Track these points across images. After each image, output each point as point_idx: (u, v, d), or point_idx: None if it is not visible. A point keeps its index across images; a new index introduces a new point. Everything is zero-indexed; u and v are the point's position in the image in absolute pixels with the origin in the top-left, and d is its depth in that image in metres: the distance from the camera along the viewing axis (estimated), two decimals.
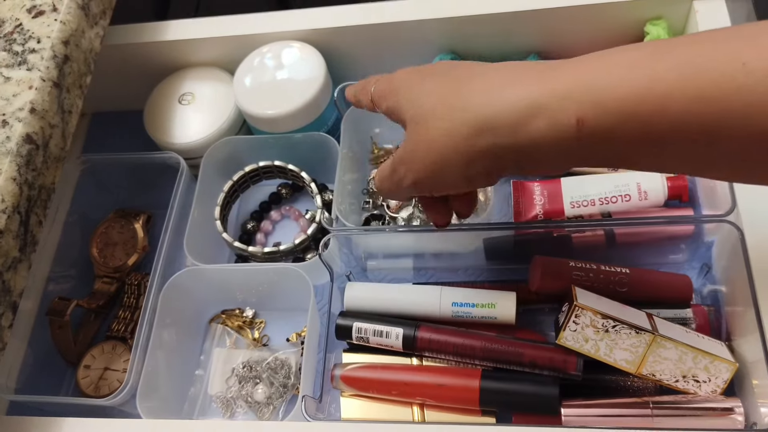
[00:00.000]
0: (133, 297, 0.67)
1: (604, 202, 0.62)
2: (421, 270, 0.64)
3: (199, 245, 0.64)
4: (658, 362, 0.51)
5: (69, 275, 0.70)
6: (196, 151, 0.69)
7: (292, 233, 0.70)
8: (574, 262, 0.57)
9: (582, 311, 0.51)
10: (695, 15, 0.63)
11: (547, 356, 0.53)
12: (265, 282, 0.64)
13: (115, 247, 0.70)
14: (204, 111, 0.70)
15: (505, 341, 0.54)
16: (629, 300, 0.54)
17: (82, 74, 0.62)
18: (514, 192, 0.66)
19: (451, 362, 0.56)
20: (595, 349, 0.52)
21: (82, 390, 0.64)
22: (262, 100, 0.67)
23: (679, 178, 0.62)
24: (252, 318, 0.66)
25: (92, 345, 0.66)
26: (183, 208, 0.67)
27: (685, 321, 0.54)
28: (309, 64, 0.68)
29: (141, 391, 0.57)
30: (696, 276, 0.59)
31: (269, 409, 0.60)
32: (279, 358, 0.62)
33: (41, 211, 0.55)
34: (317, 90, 0.66)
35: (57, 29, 0.60)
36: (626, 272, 0.56)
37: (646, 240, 0.59)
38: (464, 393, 0.53)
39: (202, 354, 0.65)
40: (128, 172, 0.71)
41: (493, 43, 0.69)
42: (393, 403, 0.56)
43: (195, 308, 0.66)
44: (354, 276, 0.63)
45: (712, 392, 0.51)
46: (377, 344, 0.57)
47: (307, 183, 0.67)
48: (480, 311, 0.57)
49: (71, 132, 0.59)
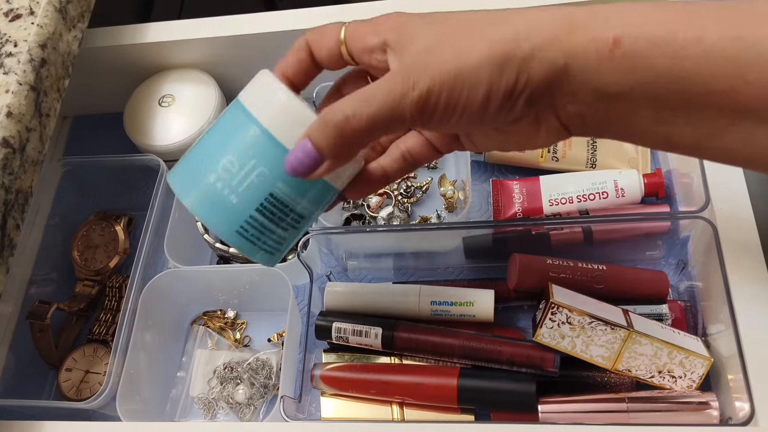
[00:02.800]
0: (115, 300, 0.67)
1: (582, 199, 0.62)
2: (402, 269, 0.64)
3: (180, 247, 0.65)
4: (633, 358, 0.51)
5: (50, 278, 0.70)
6: (176, 153, 0.69)
7: None
8: (552, 260, 0.57)
9: (558, 308, 0.51)
10: None
11: (525, 353, 0.53)
12: (246, 283, 0.64)
13: (96, 250, 0.70)
14: (184, 113, 0.70)
15: (483, 339, 0.55)
16: (606, 297, 0.55)
17: (60, 77, 0.62)
18: (493, 191, 0.66)
19: (430, 361, 0.57)
20: (572, 346, 0.52)
21: (64, 393, 0.64)
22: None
23: (655, 175, 0.62)
24: (234, 319, 0.66)
25: (74, 348, 0.66)
26: (164, 210, 0.67)
27: (661, 317, 0.55)
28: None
29: (121, 394, 0.57)
30: (672, 272, 0.59)
31: (250, 409, 0.60)
32: (260, 358, 0.62)
33: (19, 215, 0.55)
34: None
35: (34, 33, 0.59)
36: (603, 269, 0.57)
37: (623, 237, 0.60)
38: (443, 391, 0.54)
39: (184, 355, 0.65)
40: (109, 175, 0.71)
41: None
42: (372, 402, 0.56)
43: (176, 310, 0.66)
44: (334, 276, 0.64)
45: (687, 387, 0.51)
46: (357, 344, 0.57)
47: None
48: (458, 309, 0.57)
49: (49, 135, 0.59)
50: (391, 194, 0.68)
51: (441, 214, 0.66)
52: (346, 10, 0.69)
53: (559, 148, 0.66)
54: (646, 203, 0.62)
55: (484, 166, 0.69)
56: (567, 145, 0.66)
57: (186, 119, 0.70)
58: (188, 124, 0.70)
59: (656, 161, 0.65)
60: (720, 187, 0.54)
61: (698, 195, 0.54)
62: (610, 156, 0.65)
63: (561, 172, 0.65)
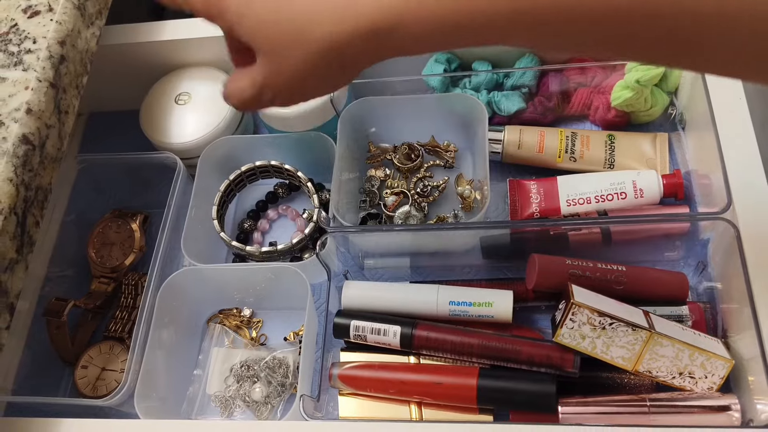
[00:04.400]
0: (131, 297, 0.67)
1: (600, 199, 0.62)
2: (419, 268, 0.64)
3: (196, 245, 0.65)
4: (654, 359, 0.51)
5: (66, 275, 0.70)
6: (192, 151, 0.69)
7: (289, 232, 0.70)
8: (571, 260, 0.57)
9: (579, 309, 0.51)
10: None
11: (545, 354, 0.53)
12: (262, 281, 0.64)
13: (112, 247, 0.70)
14: (200, 111, 0.70)
15: (503, 339, 0.54)
16: (626, 297, 0.55)
17: (79, 74, 0.62)
18: (510, 191, 0.66)
19: (449, 360, 0.56)
20: (592, 347, 0.52)
21: (80, 390, 0.64)
22: None
23: (674, 176, 0.62)
24: (250, 317, 0.66)
25: (89, 345, 0.66)
26: (180, 207, 0.67)
27: (681, 318, 0.55)
28: None
29: (139, 391, 0.57)
30: (692, 273, 0.59)
31: (267, 408, 0.60)
32: (277, 357, 0.62)
33: (38, 212, 0.55)
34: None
35: (53, 29, 0.59)
36: (623, 270, 0.56)
37: (642, 237, 0.60)
38: (462, 391, 0.54)
39: (200, 353, 0.65)
40: (125, 172, 0.71)
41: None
42: (391, 401, 0.56)
43: (193, 308, 0.66)
44: (351, 275, 0.64)
45: (708, 389, 0.51)
46: (375, 342, 0.57)
47: (303, 182, 0.67)
48: (477, 310, 0.57)
49: (68, 132, 0.59)
50: (408, 193, 0.68)
51: (458, 213, 0.66)
52: None
53: (577, 148, 0.65)
54: (665, 204, 0.62)
55: (501, 166, 0.69)
56: (585, 146, 0.66)
57: (202, 117, 0.70)
58: (204, 122, 0.70)
59: (675, 162, 0.65)
60: (742, 187, 0.53)
61: (718, 196, 0.54)
62: (628, 157, 0.65)
63: (578, 172, 0.65)
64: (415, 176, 0.69)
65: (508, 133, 0.67)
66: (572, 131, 0.67)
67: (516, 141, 0.66)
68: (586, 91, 0.68)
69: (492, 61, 0.70)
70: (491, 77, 0.68)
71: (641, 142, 0.66)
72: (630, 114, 0.67)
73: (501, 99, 0.68)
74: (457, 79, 0.69)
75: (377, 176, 0.69)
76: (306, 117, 0.67)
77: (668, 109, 0.66)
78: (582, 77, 0.68)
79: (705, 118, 0.57)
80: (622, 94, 0.64)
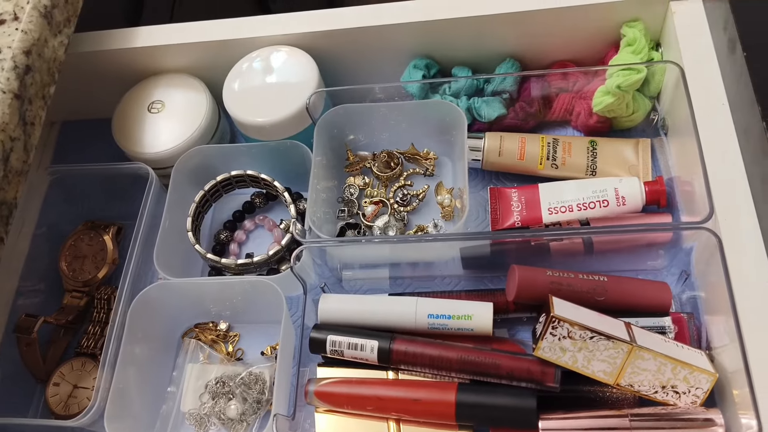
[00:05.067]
0: (103, 312, 0.66)
1: (582, 207, 0.61)
2: (398, 280, 0.63)
3: (170, 257, 0.63)
4: (636, 373, 0.50)
5: (38, 289, 0.68)
6: (166, 161, 0.68)
7: (266, 243, 0.68)
8: (552, 272, 0.56)
9: (559, 322, 0.50)
10: (672, 16, 0.62)
11: (525, 367, 0.52)
12: (238, 294, 0.62)
13: (84, 260, 0.68)
14: (174, 119, 0.69)
15: (482, 352, 0.53)
16: (607, 308, 0.54)
17: (46, 84, 0.60)
18: (491, 199, 0.65)
19: (428, 375, 0.55)
20: (573, 361, 0.51)
21: (51, 409, 0.62)
22: (253, 108, 0.65)
23: (656, 183, 0.61)
24: (226, 331, 0.65)
25: (61, 362, 0.65)
26: (153, 218, 0.65)
27: (664, 330, 0.54)
28: (301, 71, 0.66)
29: (109, 411, 0.55)
30: (675, 283, 0.58)
31: (243, 426, 0.59)
32: (253, 372, 0.60)
33: (2, 227, 0.53)
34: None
35: (18, 39, 0.58)
36: (604, 280, 0.55)
37: (625, 247, 0.58)
38: (440, 407, 0.52)
39: (175, 369, 0.64)
40: (97, 183, 0.69)
41: (470, 46, 0.68)
42: (368, 418, 0.55)
43: (167, 323, 0.64)
44: (329, 287, 0.62)
45: (692, 403, 0.50)
46: (352, 357, 0.56)
47: (280, 192, 0.66)
48: (456, 323, 0.56)
49: (34, 144, 0.58)
50: (387, 203, 0.66)
51: (438, 222, 0.65)
52: (339, 14, 0.67)
53: (559, 155, 0.64)
54: (648, 212, 0.61)
55: (481, 173, 0.67)
56: (567, 152, 0.64)
57: (176, 126, 0.68)
58: (179, 131, 0.68)
59: (658, 168, 0.64)
60: (725, 195, 0.52)
61: (701, 204, 0.53)
62: (611, 163, 0.64)
63: (560, 179, 0.64)
64: (395, 185, 0.68)
65: (489, 139, 0.65)
66: (554, 137, 0.65)
67: (496, 148, 0.65)
68: (567, 97, 0.67)
69: (472, 67, 0.69)
70: (471, 83, 0.67)
71: (624, 149, 0.64)
72: (612, 119, 0.66)
73: (481, 105, 0.66)
74: (437, 86, 0.68)
75: (356, 185, 0.68)
76: (282, 125, 0.65)
77: (650, 114, 0.65)
78: (564, 82, 0.67)
79: (687, 123, 0.56)
80: (603, 99, 0.63)
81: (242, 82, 0.67)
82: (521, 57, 0.68)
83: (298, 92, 0.65)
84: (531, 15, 0.64)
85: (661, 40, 0.66)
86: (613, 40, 0.66)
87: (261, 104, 0.65)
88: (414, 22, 0.65)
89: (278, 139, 0.66)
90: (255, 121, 0.65)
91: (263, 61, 0.68)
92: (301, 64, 0.67)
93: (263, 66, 0.67)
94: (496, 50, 0.68)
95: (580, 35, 0.66)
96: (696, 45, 0.59)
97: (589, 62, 0.68)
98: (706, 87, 0.57)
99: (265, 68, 0.67)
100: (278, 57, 0.68)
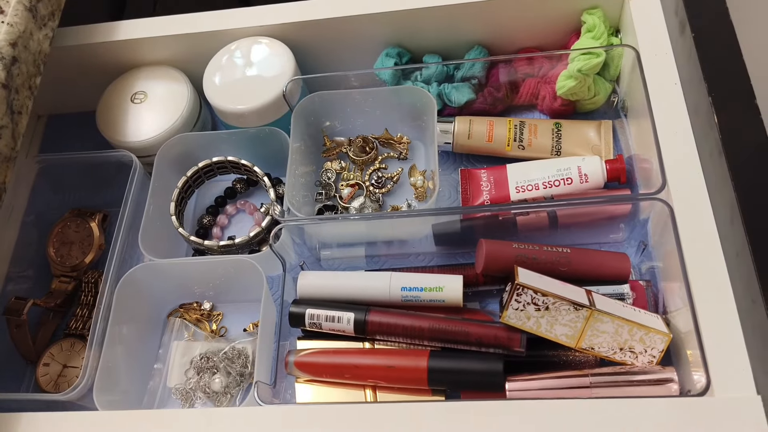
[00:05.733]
0: (91, 295, 0.68)
1: (548, 185, 0.64)
2: (374, 257, 0.66)
3: (155, 241, 0.65)
4: (596, 336, 0.53)
5: (26, 275, 0.71)
6: (149, 149, 0.70)
7: (248, 227, 0.71)
8: (518, 244, 0.59)
9: (523, 290, 0.53)
10: (629, 4, 0.65)
11: (492, 334, 0.55)
12: (222, 275, 0.65)
13: (71, 246, 0.70)
14: (157, 109, 0.71)
15: (452, 321, 0.56)
16: (571, 278, 0.57)
17: (31, 75, 0.62)
18: (461, 180, 0.68)
19: (402, 344, 0.58)
20: (537, 326, 0.54)
21: (42, 388, 0.64)
22: (232, 96, 0.68)
23: (617, 161, 0.64)
24: (210, 311, 0.67)
25: (51, 343, 0.67)
26: (138, 205, 0.68)
27: (623, 296, 0.57)
28: (278, 60, 0.69)
29: (98, 386, 0.57)
30: (634, 254, 0.61)
31: (227, 398, 0.61)
32: (236, 347, 0.63)
33: None
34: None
35: (4, 31, 0.60)
36: (567, 252, 0.58)
37: (587, 221, 0.62)
38: (413, 373, 0.55)
39: (161, 347, 0.66)
40: (83, 172, 0.72)
41: (439, 35, 0.71)
42: (346, 386, 0.57)
43: (152, 303, 0.67)
44: (308, 266, 0.65)
45: (648, 363, 0.53)
46: (330, 330, 0.59)
47: (260, 177, 0.68)
48: (428, 294, 0.59)
49: (21, 132, 0.60)
50: (363, 185, 0.69)
51: (411, 203, 0.68)
52: (313, 5, 0.70)
53: (525, 136, 0.67)
54: (609, 188, 0.64)
55: (452, 156, 0.71)
56: (533, 134, 0.68)
57: (158, 115, 0.71)
58: (161, 120, 0.71)
59: (619, 148, 0.67)
60: (676, 169, 0.55)
61: (656, 178, 0.56)
62: (575, 144, 0.67)
63: (527, 160, 0.67)
64: (370, 168, 0.71)
65: (459, 123, 0.68)
66: (520, 120, 0.69)
67: (466, 131, 0.68)
68: (533, 82, 0.70)
69: (442, 54, 0.72)
70: (441, 69, 0.70)
71: (587, 130, 0.68)
72: (575, 102, 0.69)
73: (451, 91, 0.69)
74: (409, 72, 0.71)
75: (333, 169, 0.71)
76: (260, 113, 0.68)
77: (611, 97, 0.68)
78: (529, 68, 0.70)
79: (644, 104, 0.59)
80: (566, 83, 0.66)
81: (222, 72, 0.70)
82: (489, 45, 0.72)
83: (276, 80, 0.68)
84: (497, 4, 0.67)
85: (620, 26, 0.69)
86: (575, 27, 0.69)
87: (240, 92, 0.68)
88: (386, 12, 0.68)
89: (257, 126, 0.69)
90: (235, 109, 0.68)
91: (241, 52, 0.70)
92: (278, 54, 0.70)
93: (241, 56, 0.70)
94: (464, 38, 0.71)
95: (544, 23, 0.69)
96: (650, 29, 0.63)
97: (553, 49, 0.71)
98: (660, 68, 0.60)
99: (243, 58, 0.70)
100: (256, 47, 0.70)
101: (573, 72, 0.65)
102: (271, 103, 0.67)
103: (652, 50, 0.62)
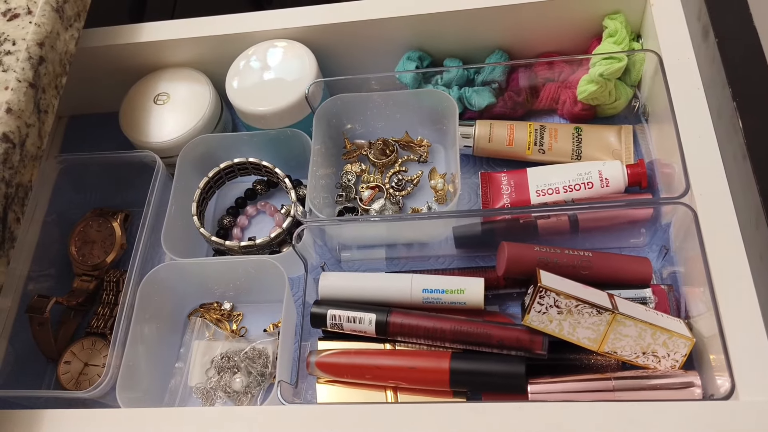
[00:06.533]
0: (112, 294, 0.69)
1: (568, 189, 0.64)
2: (394, 260, 0.66)
3: (176, 241, 0.66)
4: (618, 339, 0.53)
5: (48, 274, 0.71)
6: (171, 150, 0.71)
7: (268, 228, 0.72)
8: (539, 247, 0.59)
9: (546, 292, 0.53)
10: (650, 8, 0.65)
11: (514, 336, 0.55)
12: (242, 275, 0.65)
13: (93, 246, 0.71)
14: (179, 110, 0.72)
15: (474, 323, 0.56)
16: (592, 282, 0.57)
17: (58, 75, 0.63)
18: (482, 183, 0.68)
19: (423, 346, 0.58)
20: (560, 329, 0.54)
21: (63, 386, 0.65)
22: (254, 98, 0.69)
23: (638, 165, 0.64)
24: (230, 311, 0.67)
25: (72, 341, 0.67)
26: (160, 205, 0.68)
27: (645, 300, 0.57)
28: (300, 63, 0.69)
29: (120, 384, 0.58)
30: (656, 258, 0.61)
31: (248, 397, 0.61)
32: (256, 347, 0.63)
33: (19, 208, 0.56)
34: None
35: (32, 31, 0.61)
36: (589, 255, 0.58)
37: (608, 225, 0.62)
38: (435, 375, 0.55)
39: (182, 347, 0.66)
40: (105, 172, 0.72)
41: (460, 39, 0.71)
42: (367, 387, 0.58)
43: (174, 302, 0.67)
44: (328, 267, 0.65)
45: (671, 367, 0.53)
46: (351, 330, 0.59)
47: (281, 178, 0.69)
48: (449, 297, 0.59)
49: (47, 131, 0.61)
50: (383, 188, 0.70)
51: (432, 205, 0.68)
52: (336, 8, 0.70)
53: (546, 140, 0.68)
54: (630, 193, 0.64)
55: (473, 159, 0.71)
56: (553, 138, 0.68)
57: (181, 116, 0.72)
58: (183, 121, 0.71)
59: (639, 152, 0.67)
60: (699, 173, 0.55)
61: (679, 182, 0.56)
62: (595, 148, 0.67)
63: (547, 164, 0.67)
64: (390, 171, 0.71)
65: (479, 127, 0.69)
66: (541, 124, 0.69)
67: (486, 135, 0.68)
68: (553, 86, 0.70)
69: (463, 58, 0.72)
70: (462, 73, 0.70)
71: (607, 134, 0.68)
72: (596, 107, 0.69)
73: (472, 94, 0.70)
74: (429, 76, 0.71)
75: (353, 171, 0.71)
76: (282, 114, 0.68)
77: (632, 101, 0.68)
78: (550, 72, 0.70)
79: (665, 109, 0.59)
80: (587, 87, 0.66)
81: (244, 73, 0.70)
82: (509, 49, 0.72)
83: (298, 83, 0.68)
84: (518, 8, 0.67)
85: (641, 31, 0.69)
86: (596, 32, 0.69)
87: (262, 94, 0.69)
88: (407, 15, 0.69)
89: (279, 127, 0.69)
90: (256, 110, 0.68)
91: (263, 54, 0.71)
92: (300, 56, 0.70)
93: (263, 58, 0.71)
94: (485, 42, 0.72)
95: (565, 27, 0.69)
96: (673, 34, 0.63)
97: (574, 54, 0.71)
98: (683, 73, 0.61)
99: (265, 61, 0.71)
100: (278, 50, 0.71)
101: (594, 76, 0.65)
102: (292, 105, 0.68)
103: (675, 55, 0.62)
